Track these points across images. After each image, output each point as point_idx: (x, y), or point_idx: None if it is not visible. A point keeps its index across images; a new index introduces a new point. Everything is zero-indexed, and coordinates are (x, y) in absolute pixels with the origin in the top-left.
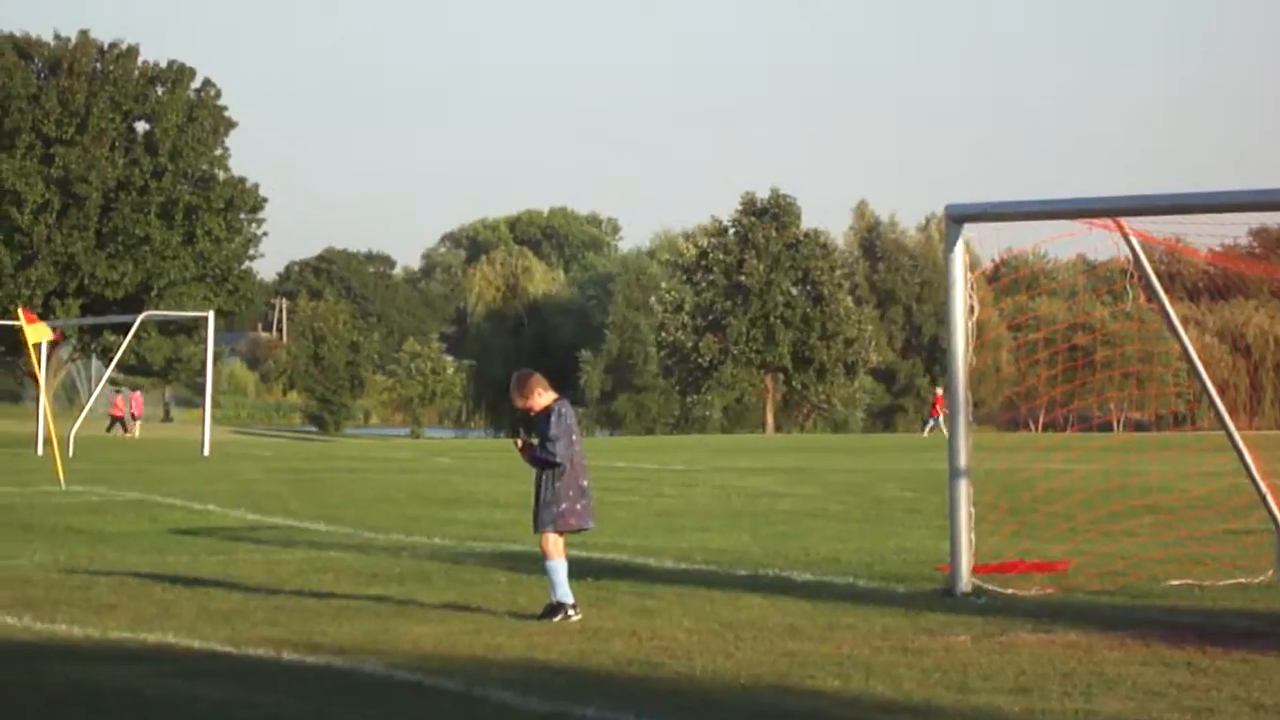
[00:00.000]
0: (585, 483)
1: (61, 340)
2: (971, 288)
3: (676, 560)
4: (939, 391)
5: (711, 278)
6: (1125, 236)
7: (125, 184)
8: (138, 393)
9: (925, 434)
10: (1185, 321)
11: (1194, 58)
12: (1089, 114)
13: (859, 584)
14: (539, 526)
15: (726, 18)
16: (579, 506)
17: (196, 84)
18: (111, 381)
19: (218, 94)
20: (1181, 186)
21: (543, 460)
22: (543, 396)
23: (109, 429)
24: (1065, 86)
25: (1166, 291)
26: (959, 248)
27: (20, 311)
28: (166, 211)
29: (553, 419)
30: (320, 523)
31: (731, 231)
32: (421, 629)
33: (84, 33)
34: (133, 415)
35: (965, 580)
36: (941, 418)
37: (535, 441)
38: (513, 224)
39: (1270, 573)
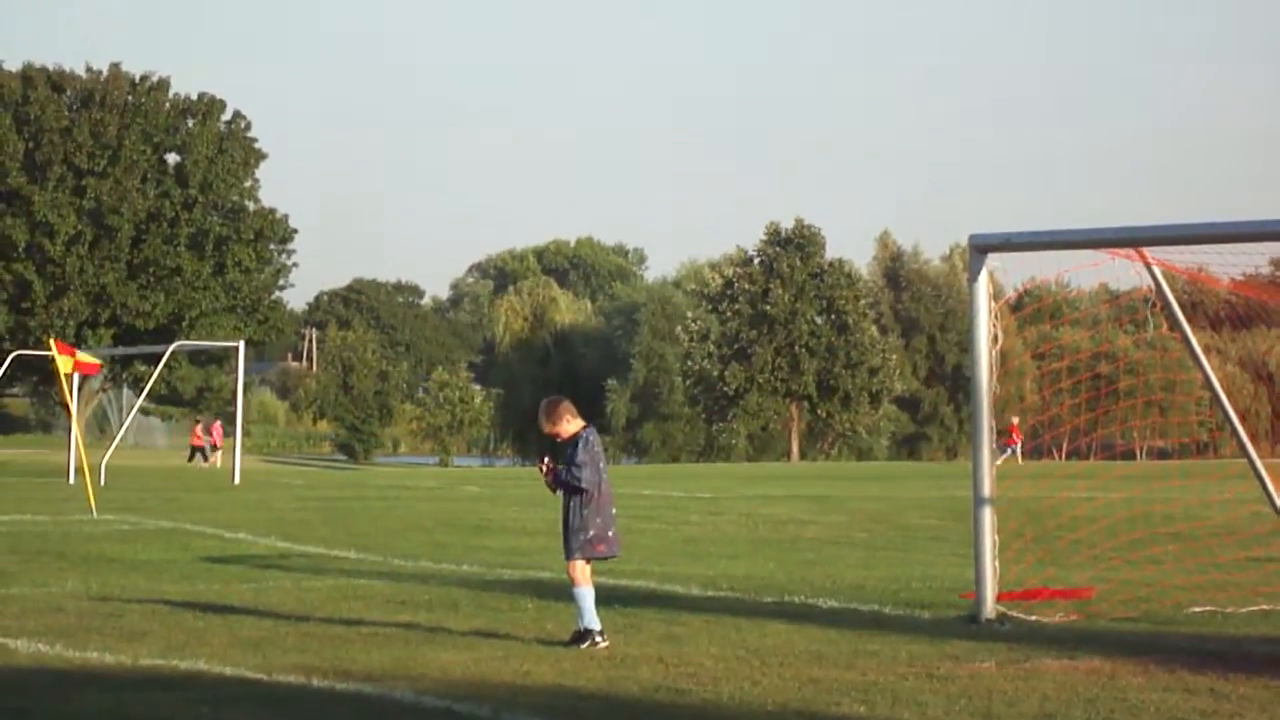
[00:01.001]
0: (613, 510)
1: (98, 371)
2: (995, 317)
3: (703, 587)
4: (1014, 420)
5: (737, 307)
6: (1147, 266)
7: (156, 215)
8: (218, 422)
9: (1000, 462)
10: (1207, 350)
11: (1218, 87)
12: (1112, 144)
13: (884, 611)
14: (569, 554)
15: (753, 50)
16: (609, 534)
17: (226, 116)
18: (143, 411)
19: (248, 126)
20: (1204, 216)
21: (569, 485)
22: (571, 424)
23: (190, 459)
24: (1089, 116)
25: (1189, 320)
26: (983, 277)
27: (52, 342)
28: (197, 242)
29: (580, 445)
30: (350, 550)
31: (756, 261)
32: (450, 656)
33: (115, 65)
34: (213, 445)
35: (990, 607)
36: (1018, 446)
37: (562, 467)
38: (540, 254)
39: None
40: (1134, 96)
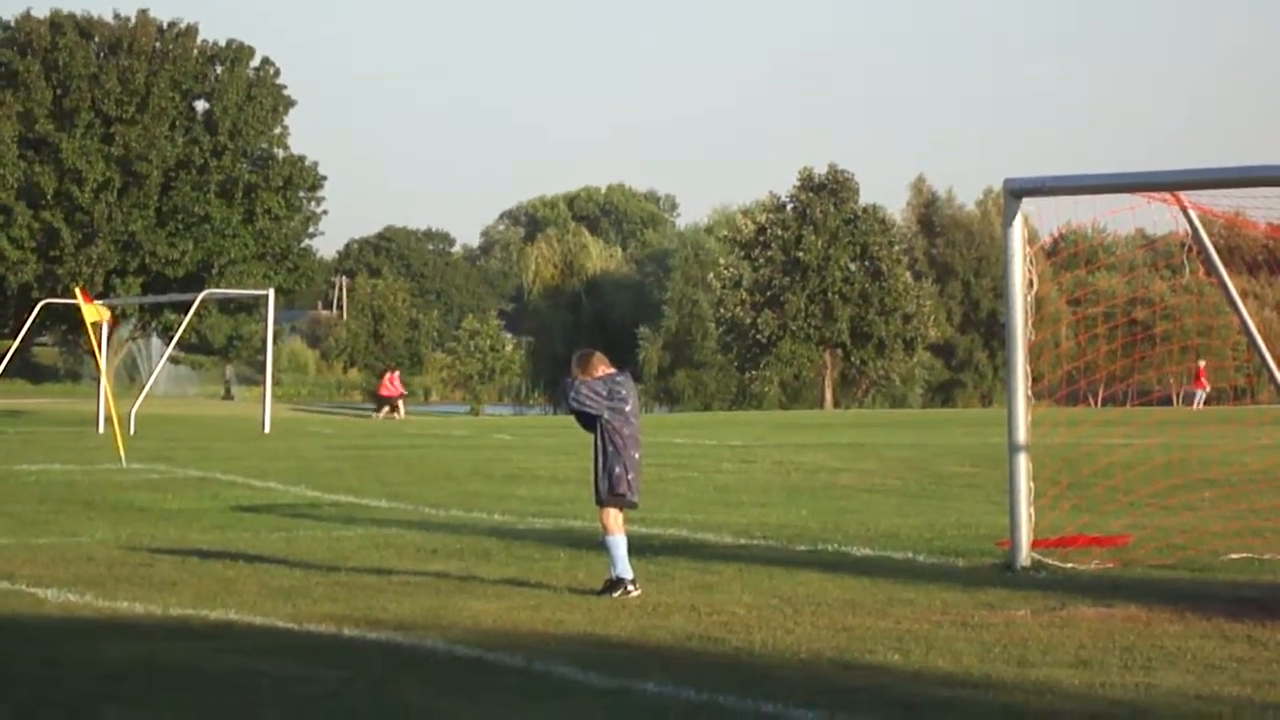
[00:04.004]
0: (637, 456)
1: (116, 325)
2: (1030, 262)
3: (735, 536)
4: (1202, 364)
5: (770, 254)
6: (1184, 210)
7: (185, 162)
8: (396, 372)
9: (1194, 407)
10: (1244, 295)
11: (1256, 27)
12: (1147, 87)
13: (918, 559)
14: (596, 498)
15: None
16: (630, 477)
17: (255, 63)
18: (172, 360)
19: (277, 72)
20: (1241, 160)
21: (564, 391)
22: (603, 374)
23: (378, 410)
24: (1124, 59)
25: (1225, 265)
26: (1018, 222)
27: (78, 291)
28: (226, 190)
29: (603, 381)
30: (381, 499)
31: (790, 207)
32: (482, 605)
33: (143, 12)
34: (399, 395)
35: (1025, 555)
36: (1204, 392)
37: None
38: (571, 201)
39: None
40: (1171, 38)
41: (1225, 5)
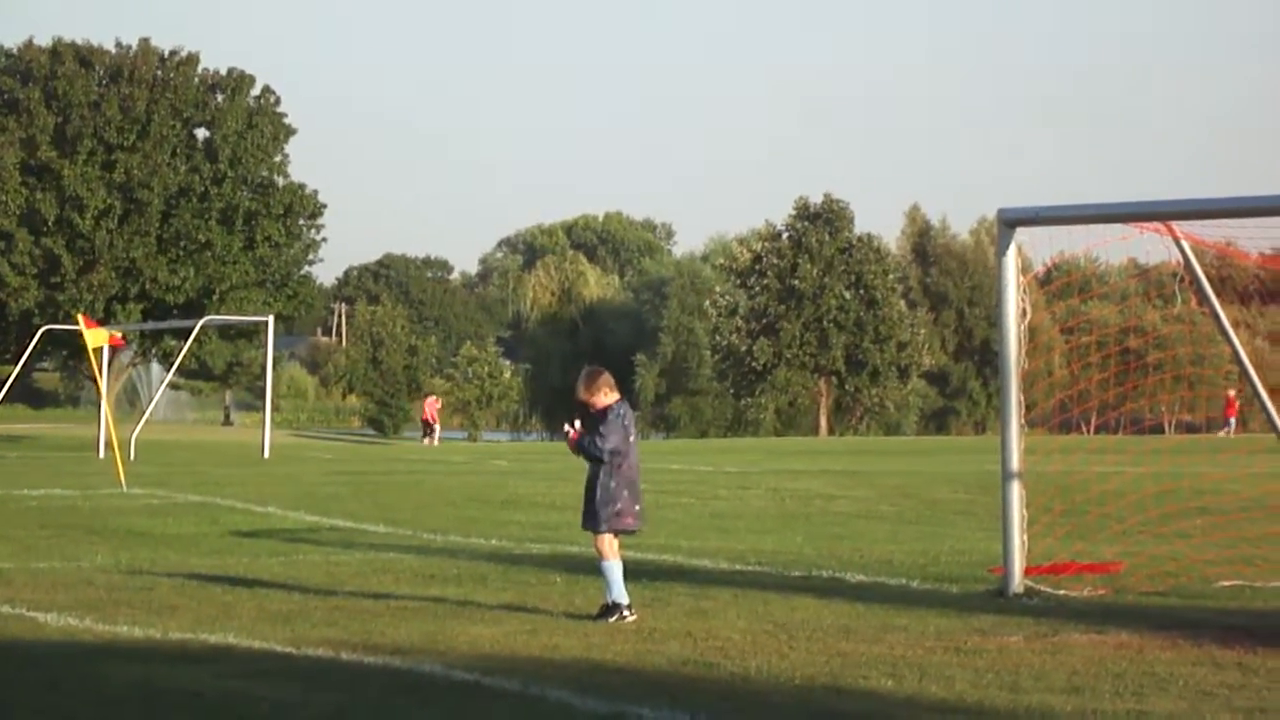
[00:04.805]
0: (639, 485)
1: (123, 346)
2: (1024, 291)
3: (731, 561)
4: (1231, 393)
5: (765, 282)
6: (1176, 240)
7: (186, 190)
8: (432, 397)
9: (1221, 434)
10: (1236, 325)
11: (1245, 60)
12: (1140, 118)
13: (912, 585)
14: (595, 526)
15: (780, 23)
16: (635, 508)
17: (256, 91)
18: (172, 385)
19: (277, 101)
20: (1233, 190)
21: (590, 453)
22: (607, 396)
23: (424, 436)
24: (1116, 89)
25: (1217, 295)
26: (1011, 251)
27: (80, 317)
28: (226, 217)
29: (610, 417)
30: (379, 525)
31: (785, 236)
32: (479, 629)
33: (145, 40)
34: (424, 421)
35: (1018, 581)
36: (1234, 420)
37: (586, 436)
38: (569, 229)
39: None
40: (1165, 70)
41: (1221, 38)
